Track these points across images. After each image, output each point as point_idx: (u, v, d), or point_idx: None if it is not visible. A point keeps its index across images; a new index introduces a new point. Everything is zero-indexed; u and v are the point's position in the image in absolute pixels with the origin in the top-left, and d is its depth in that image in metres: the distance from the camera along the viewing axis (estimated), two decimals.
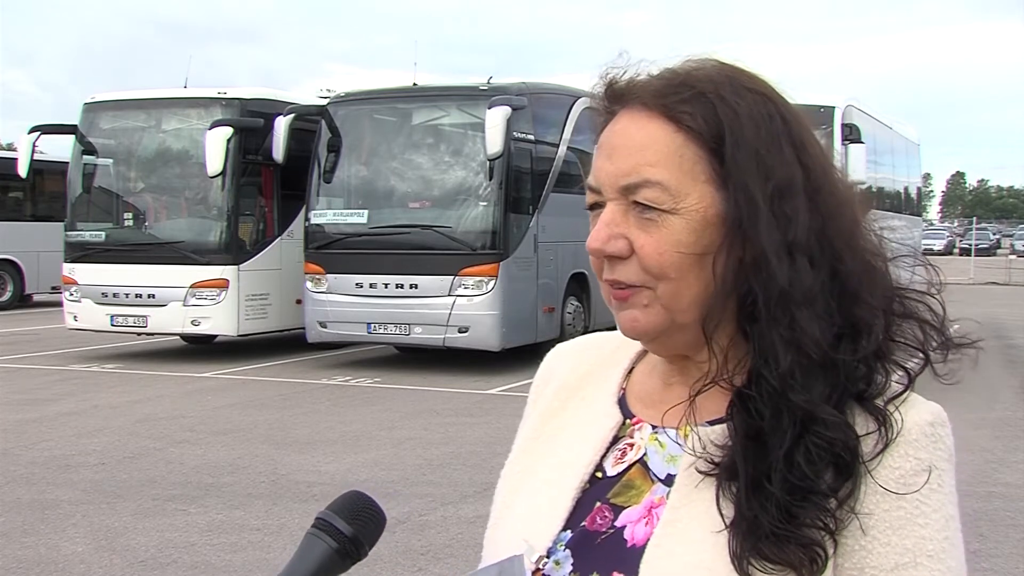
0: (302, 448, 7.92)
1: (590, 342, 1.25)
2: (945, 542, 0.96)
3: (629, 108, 1.04)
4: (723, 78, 1.03)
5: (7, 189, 20.36)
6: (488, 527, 1.16)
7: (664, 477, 1.05)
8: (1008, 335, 16.08)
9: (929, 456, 0.98)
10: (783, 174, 1.01)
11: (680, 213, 1.00)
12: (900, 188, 15.64)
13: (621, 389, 1.15)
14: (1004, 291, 28.48)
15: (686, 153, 1.01)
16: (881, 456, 0.97)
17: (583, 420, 1.15)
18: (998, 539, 5.70)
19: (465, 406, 9.77)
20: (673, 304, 1.02)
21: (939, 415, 1.01)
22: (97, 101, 13.69)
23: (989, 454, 7.69)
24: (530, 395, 1.25)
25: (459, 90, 12.68)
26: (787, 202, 1.00)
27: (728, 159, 1.00)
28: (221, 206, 12.75)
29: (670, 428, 1.07)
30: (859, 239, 1.04)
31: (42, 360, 13.02)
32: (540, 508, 1.09)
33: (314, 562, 1.02)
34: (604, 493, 1.07)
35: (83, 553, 5.45)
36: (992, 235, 60.73)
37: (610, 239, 1.02)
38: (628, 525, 1.04)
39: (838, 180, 1.06)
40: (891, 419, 0.97)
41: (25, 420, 9.01)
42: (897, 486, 0.96)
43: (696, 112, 1.01)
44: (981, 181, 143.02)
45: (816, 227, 1.01)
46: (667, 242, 1.00)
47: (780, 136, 1.02)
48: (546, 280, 12.41)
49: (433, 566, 5.18)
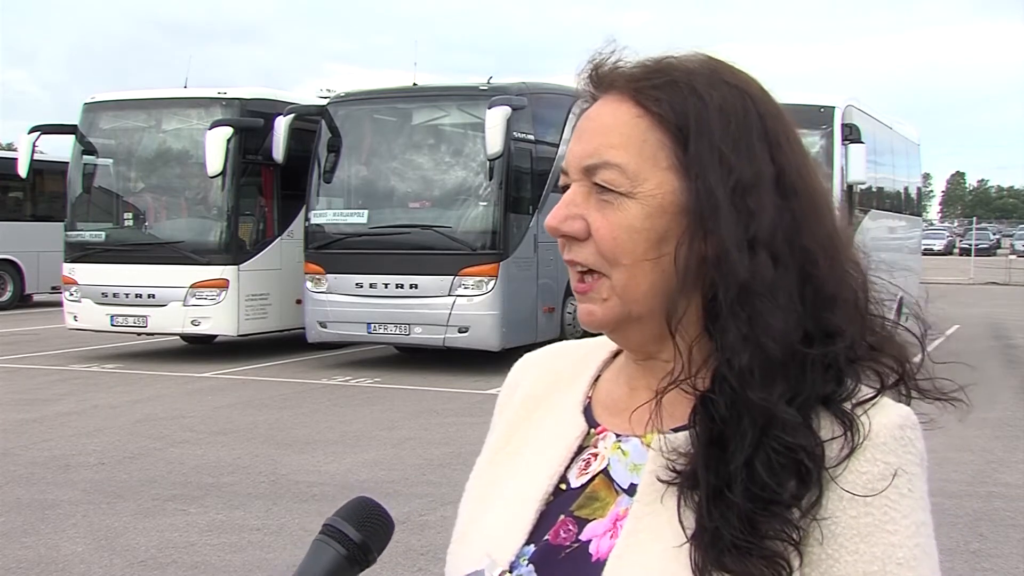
0: (302, 448, 7.92)
1: (557, 351, 1.23)
2: (916, 549, 0.92)
3: (606, 94, 1.04)
4: (702, 69, 1.02)
5: (7, 189, 20.35)
6: (452, 540, 1.13)
7: (627, 487, 1.02)
8: (1008, 335, 16.09)
9: (897, 460, 0.94)
10: (748, 169, 0.98)
11: (636, 197, 0.99)
12: (900, 188, 15.62)
13: (587, 397, 1.12)
14: (1004, 291, 28.48)
15: (649, 138, 1.00)
16: (847, 461, 0.93)
17: (548, 431, 1.11)
18: (998, 539, 5.70)
19: (465, 406, 9.77)
20: (627, 293, 1.00)
21: (908, 418, 0.97)
22: (97, 101, 13.68)
23: (989, 454, 7.69)
24: (496, 405, 1.22)
25: (459, 90, 12.68)
26: (750, 197, 0.97)
27: (690, 149, 0.98)
28: (221, 206, 12.75)
29: (634, 436, 1.04)
30: (838, 246, 1.01)
31: (42, 360, 13.02)
32: (504, 522, 1.07)
33: (323, 568, 1.02)
34: (568, 505, 1.04)
35: (83, 553, 5.45)
36: (992, 235, 60.69)
37: (567, 219, 1.01)
38: (594, 539, 1.01)
39: (817, 185, 1.04)
40: (857, 423, 0.94)
41: (25, 420, 9.01)
42: (864, 491, 0.92)
43: (664, 99, 1.00)
44: (981, 181, 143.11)
45: (785, 226, 0.98)
46: (620, 226, 0.99)
47: (752, 132, 1.00)
48: (546, 280, 12.41)
49: (433, 566, 5.18)
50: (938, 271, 30.78)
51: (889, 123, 14.59)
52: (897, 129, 15.22)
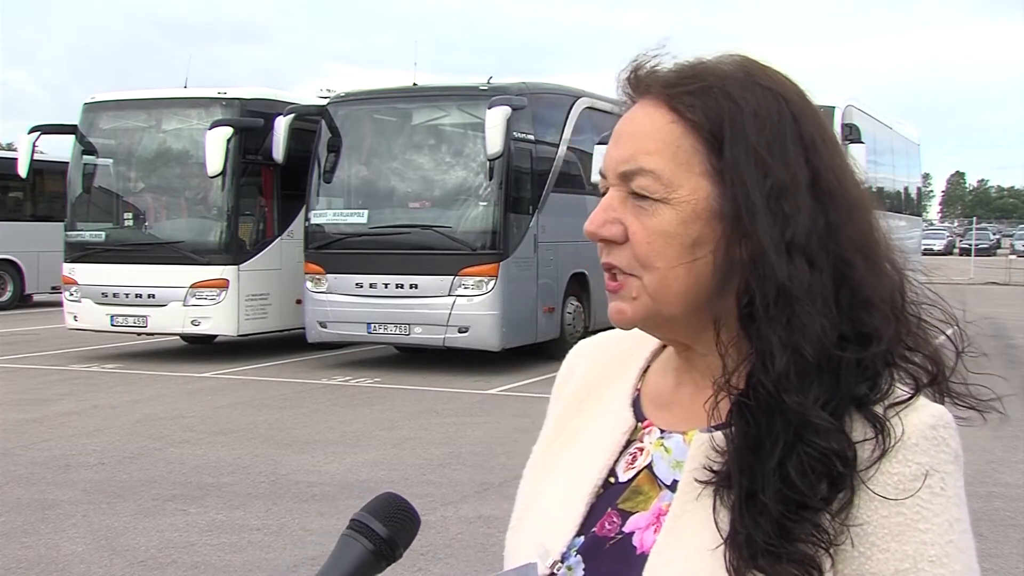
0: (302, 448, 7.92)
1: (609, 339, 1.24)
2: (949, 546, 0.94)
3: (643, 97, 1.05)
4: (737, 72, 1.03)
5: (7, 189, 20.34)
6: (510, 527, 1.16)
7: (670, 483, 1.04)
8: (1008, 335, 16.08)
9: (929, 460, 0.95)
10: (784, 173, 0.99)
11: (671, 203, 1.00)
12: (900, 188, 15.64)
13: (636, 390, 1.14)
14: (1004, 291, 28.47)
15: (683, 144, 1.00)
16: (879, 463, 0.94)
17: (598, 423, 1.14)
18: (998, 539, 5.70)
19: (465, 406, 9.77)
20: (659, 295, 1.01)
21: (942, 417, 0.98)
22: (97, 101, 13.68)
23: (989, 454, 7.69)
24: (553, 392, 1.25)
25: (459, 90, 12.68)
26: (786, 201, 0.98)
27: (726, 154, 0.99)
28: (221, 206, 12.75)
29: (677, 433, 1.06)
30: (874, 246, 1.03)
31: (42, 360, 13.02)
32: (556, 512, 1.10)
33: (350, 564, 1.03)
34: (615, 499, 1.07)
35: (83, 553, 5.45)
36: (992, 235, 60.68)
37: (605, 223, 1.03)
38: (637, 531, 1.04)
39: (853, 186, 1.04)
40: (889, 426, 0.95)
41: (25, 420, 9.01)
42: (895, 492, 0.94)
43: (697, 104, 1.00)
44: (981, 181, 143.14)
45: (820, 229, 0.99)
46: (656, 231, 1.00)
47: (786, 135, 1.01)
48: (546, 280, 12.41)
49: (433, 566, 5.18)
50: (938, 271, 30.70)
51: (889, 123, 14.60)
52: (897, 129, 15.23)
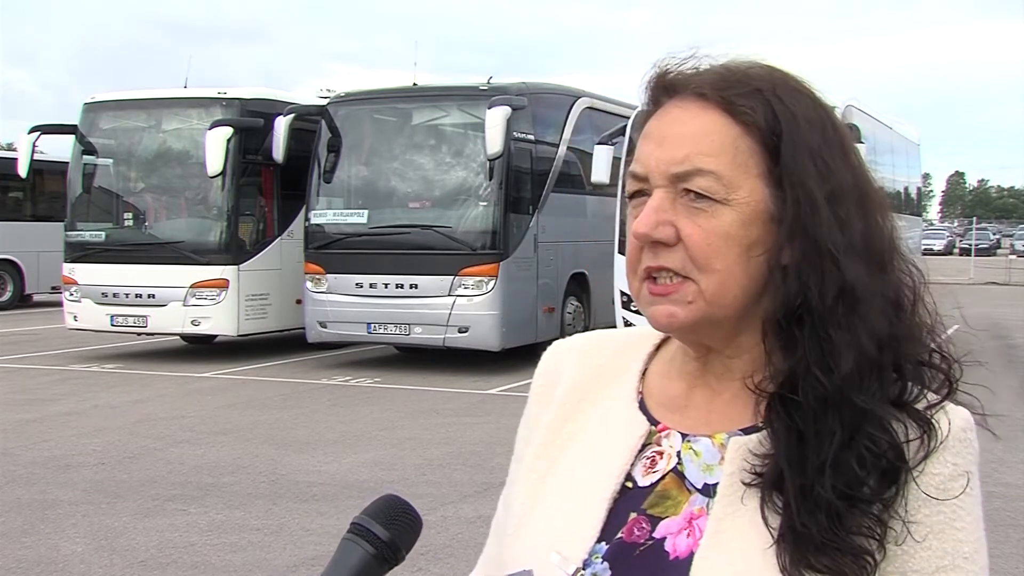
0: (302, 448, 7.92)
1: (596, 341, 1.22)
2: (977, 543, 0.99)
3: (681, 98, 1.04)
4: (778, 79, 1.04)
5: (7, 189, 20.34)
6: (506, 534, 1.12)
7: (701, 487, 1.04)
8: (1008, 335, 16.08)
9: (964, 462, 0.99)
10: (838, 177, 1.02)
11: (731, 204, 1.00)
12: (900, 188, 15.62)
13: (639, 393, 1.13)
14: (1004, 291, 28.46)
15: (741, 146, 1.01)
16: (925, 462, 0.97)
17: (603, 427, 1.12)
18: (998, 539, 5.70)
19: (465, 406, 9.77)
20: (716, 298, 1.01)
21: (969, 420, 1.02)
22: (97, 101, 13.68)
23: (989, 454, 7.65)
24: (532, 394, 1.21)
25: (459, 90, 12.68)
26: (841, 205, 1.01)
27: (786, 157, 1.00)
28: (221, 206, 12.74)
29: (702, 436, 1.06)
30: (898, 247, 1.06)
31: (42, 360, 13.02)
32: (569, 519, 1.07)
33: (352, 567, 1.02)
34: (638, 504, 1.05)
35: (83, 553, 5.45)
36: (992, 235, 60.64)
37: (658, 225, 1.01)
38: (668, 537, 1.03)
39: (878, 192, 1.07)
40: (935, 425, 0.98)
41: (25, 420, 9.01)
42: (937, 491, 0.97)
43: (755, 107, 1.01)
44: (981, 181, 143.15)
45: (864, 233, 1.02)
46: (716, 233, 1.00)
47: (832, 141, 1.03)
48: (546, 280, 12.41)
49: (433, 566, 5.18)
50: (938, 271, 30.74)
51: (889, 123, 14.59)
52: (897, 129, 15.22)
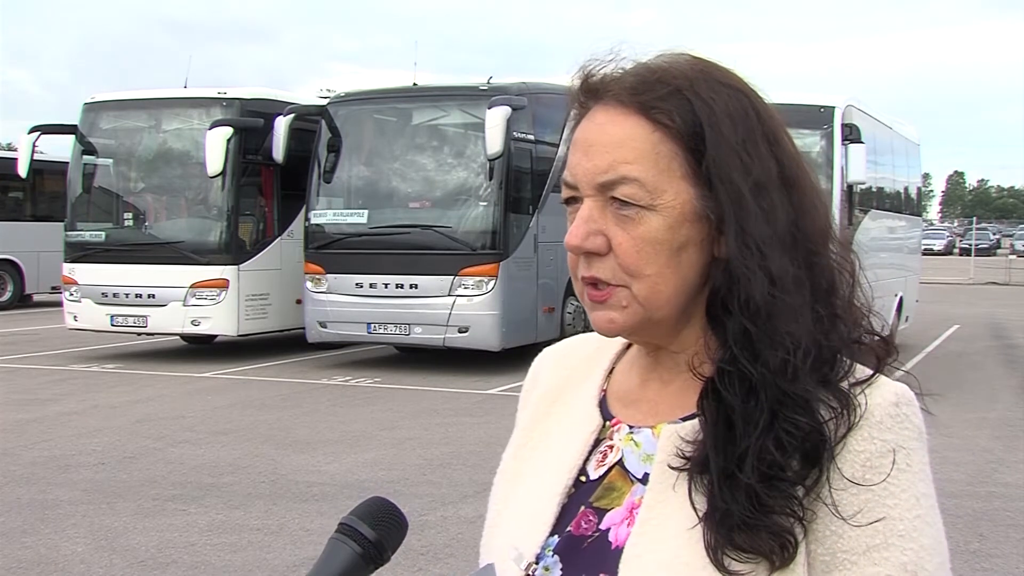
0: (302, 448, 7.92)
1: (573, 344, 1.26)
2: (916, 520, 0.97)
3: (604, 104, 1.05)
4: (697, 74, 1.04)
5: (7, 189, 20.35)
6: (484, 534, 1.18)
7: (641, 476, 1.06)
8: (1008, 335, 16.09)
9: (895, 437, 0.98)
10: (761, 168, 1.02)
11: (657, 209, 1.01)
12: (900, 188, 15.60)
13: (602, 391, 1.15)
14: (1004, 291, 28.47)
15: (662, 150, 1.01)
16: (845, 440, 0.97)
17: (567, 424, 1.15)
18: (998, 539, 5.70)
19: (465, 406, 9.78)
20: (650, 302, 1.02)
21: (904, 395, 1.01)
22: (97, 101, 13.68)
23: (989, 454, 7.69)
24: (520, 400, 1.26)
25: (459, 90, 12.68)
26: (766, 196, 1.01)
27: (709, 155, 1.00)
28: (221, 206, 12.75)
29: (645, 427, 1.08)
30: (830, 236, 1.06)
31: (42, 360, 13.02)
32: (528, 515, 1.10)
33: (339, 567, 1.04)
34: (588, 497, 1.08)
35: (83, 553, 5.45)
36: (992, 235, 60.58)
37: (588, 235, 1.03)
38: (612, 527, 1.05)
39: (810, 178, 1.07)
40: (854, 402, 0.98)
41: (25, 420, 9.01)
42: (863, 469, 0.96)
43: (672, 109, 1.01)
44: (981, 181, 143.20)
45: (791, 220, 1.02)
46: (644, 239, 1.01)
47: (755, 131, 1.03)
48: (546, 280, 12.41)
49: (433, 566, 5.18)
50: (938, 271, 30.76)
51: (889, 123, 14.57)
52: (897, 129, 15.20)
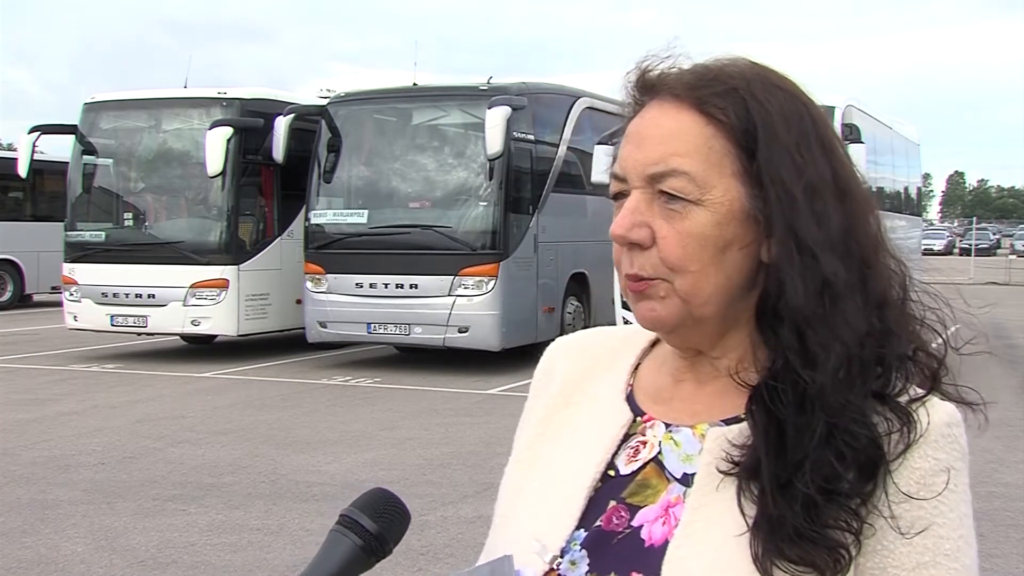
0: (302, 448, 7.92)
1: (593, 336, 1.24)
2: (960, 540, 0.97)
3: (660, 99, 1.05)
4: (754, 75, 1.04)
5: (7, 189, 20.35)
6: (493, 526, 1.14)
7: (680, 476, 1.04)
8: (1008, 335, 16.08)
9: (947, 456, 0.98)
10: (815, 172, 1.01)
11: (705, 205, 1.00)
12: (900, 188, 15.61)
13: (628, 385, 1.14)
14: (1004, 291, 28.45)
15: (715, 145, 1.01)
16: (904, 455, 0.97)
17: (591, 417, 1.13)
18: (998, 539, 5.70)
19: (465, 406, 9.77)
20: (691, 297, 1.01)
21: (954, 415, 1.01)
22: (97, 101, 13.68)
23: (989, 454, 7.68)
24: (531, 390, 1.23)
25: (459, 90, 12.68)
26: (819, 200, 1.00)
27: (761, 155, 1.00)
28: (221, 206, 12.74)
29: (684, 426, 1.07)
30: (883, 244, 1.05)
31: (42, 360, 13.02)
32: (551, 507, 1.08)
33: (339, 559, 1.02)
34: (618, 492, 1.06)
35: (83, 553, 5.45)
36: (992, 235, 60.59)
37: (634, 226, 1.02)
38: (645, 525, 1.03)
39: (861, 187, 1.07)
40: (915, 419, 0.98)
41: (25, 420, 9.01)
42: (917, 486, 0.96)
43: (727, 106, 1.01)
44: (981, 181, 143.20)
45: (845, 227, 1.01)
46: (690, 234, 1.00)
47: (810, 136, 1.03)
48: (546, 280, 12.41)
49: (433, 566, 5.18)
50: (938, 271, 30.70)
51: (889, 123, 14.57)
52: (897, 129, 15.20)
